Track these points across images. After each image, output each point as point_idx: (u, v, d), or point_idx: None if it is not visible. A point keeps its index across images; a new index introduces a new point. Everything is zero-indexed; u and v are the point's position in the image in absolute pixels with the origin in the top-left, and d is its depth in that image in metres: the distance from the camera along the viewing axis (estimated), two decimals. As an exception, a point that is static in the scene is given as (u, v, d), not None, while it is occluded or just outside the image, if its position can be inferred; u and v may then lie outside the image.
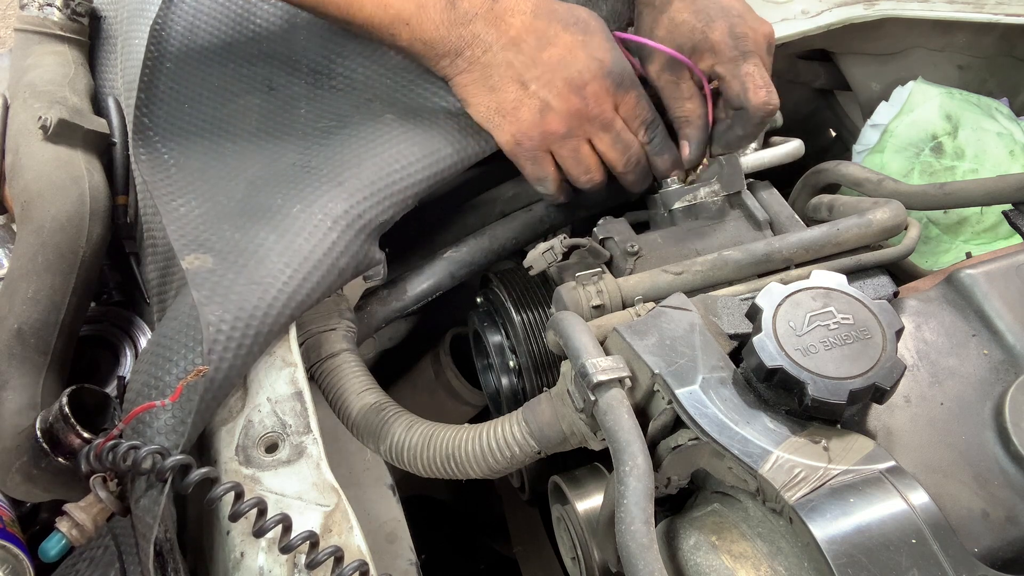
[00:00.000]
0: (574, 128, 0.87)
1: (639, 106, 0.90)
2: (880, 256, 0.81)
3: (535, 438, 0.72)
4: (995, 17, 1.15)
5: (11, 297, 0.82)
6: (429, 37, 0.85)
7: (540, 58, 0.85)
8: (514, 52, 0.85)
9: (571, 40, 0.86)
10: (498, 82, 0.87)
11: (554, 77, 0.85)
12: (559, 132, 0.87)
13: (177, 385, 0.67)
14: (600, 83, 0.87)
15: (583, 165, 0.90)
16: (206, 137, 0.88)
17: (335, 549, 0.62)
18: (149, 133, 0.86)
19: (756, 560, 0.58)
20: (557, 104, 0.86)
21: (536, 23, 0.86)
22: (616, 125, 0.89)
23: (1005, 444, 0.64)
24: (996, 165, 1.14)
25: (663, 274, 0.79)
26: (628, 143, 0.90)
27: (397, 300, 0.95)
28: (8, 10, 2.83)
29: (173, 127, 0.87)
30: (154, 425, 0.68)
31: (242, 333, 0.71)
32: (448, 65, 0.88)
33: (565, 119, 0.86)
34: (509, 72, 0.86)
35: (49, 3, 1.01)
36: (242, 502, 0.63)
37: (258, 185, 0.84)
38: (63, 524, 0.65)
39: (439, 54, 0.87)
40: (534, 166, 0.90)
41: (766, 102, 0.86)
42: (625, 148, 0.90)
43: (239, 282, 0.74)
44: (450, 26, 0.85)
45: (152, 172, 0.83)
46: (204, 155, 0.86)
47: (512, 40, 0.85)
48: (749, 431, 0.60)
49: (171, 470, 0.64)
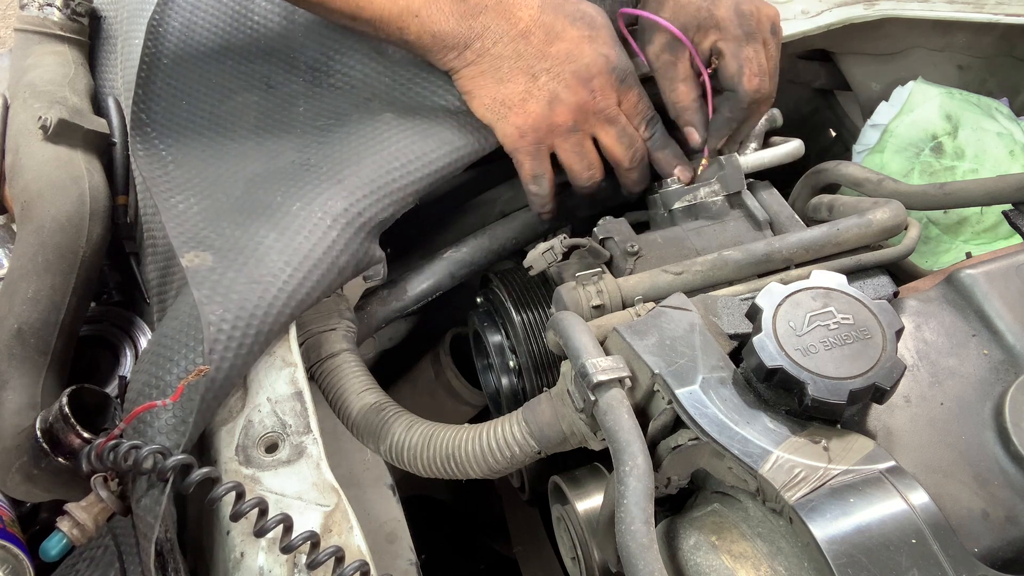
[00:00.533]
0: (580, 121, 0.88)
1: (641, 102, 0.91)
2: (880, 256, 0.81)
3: (535, 438, 0.72)
4: (995, 17, 1.15)
5: (11, 297, 0.82)
6: (439, 29, 0.86)
7: (549, 51, 0.87)
8: (524, 44, 0.86)
9: (578, 35, 0.88)
10: (507, 73, 0.87)
11: (563, 70, 0.86)
12: (566, 124, 0.88)
13: (178, 385, 0.67)
14: (606, 77, 0.88)
15: (586, 160, 0.91)
16: (204, 134, 0.88)
17: (336, 549, 0.62)
18: (147, 130, 0.86)
19: (756, 560, 0.58)
20: (566, 96, 0.87)
21: (544, 16, 0.87)
22: (621, 120, 0.90)
23: (1005, 444, 0.64)
24: (996, 165, 1.14)
25: (663, 274, 0.79)
26: (633, 137, 0.91)
27: (397, 300, 0.95)
28: (8, 10, 2.83)
29: (171, 124, 0.88)
30: (155, 425, 0.68)
31: (243, 332, 0.71)
32: (455, 58, 0.88)
33: (573, 111, 0.87)
34: (519, 64, 0.87)
35: (49, 3, 1.01)
36: (243, 502, 0.63)
37: (257, 183, 0.84)
38: (64, 524, 0.65)
39: (447, 46, 0.87)
40: (534, 161, 0.90)
41: (757, 89, 0.88)
42: (631, 142, 0.91)
43: (239, 280, 0.73)
44: (460, 18, 0.86)
45: (150, 169, 0.83)
46: (202, 152, 0.86)
47: (521, 32, 0.86)
48: (749, 431, 0.60)
49: (172, 470, 0.64)
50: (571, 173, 0.92)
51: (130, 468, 0.65)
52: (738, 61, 0.88)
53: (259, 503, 0.63)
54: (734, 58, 0.88)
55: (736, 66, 0.88)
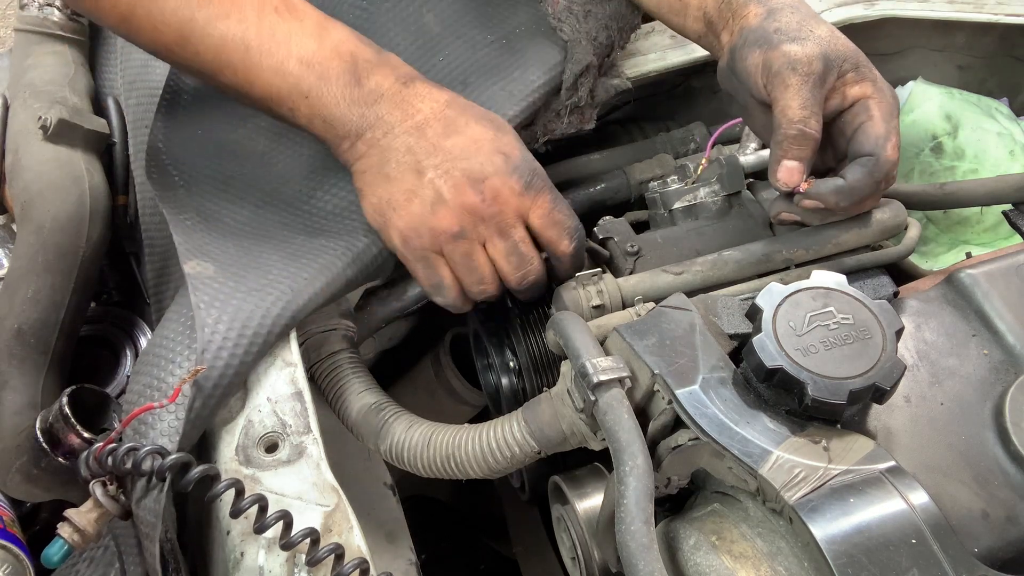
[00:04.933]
0: (467, 228, 0.76)
1: (556, 209, 0.79)
2: (880, 256, 0.81)
3: (535, 438, 0.72)
4: (995, 17, 1.15)
5: (11, 297, 0.82)
6: (329, 114, 0.76)
7: (443, 145, 0.76)
8: (416, 137, 0.76)
9: (480, 132, 0.77)
10: (394, 169, 0.77)
11: (453, 167, 0.76)
12: (450, 231, 0.76)
13: (176, 386, 0.67)
14: (502, 179, 0.76)
15: (476, 274, 0.79)
16: (215, 161, 0.87)
17: (335, 546, 0.62)
18: (162, 158, 0.86)
19: (756, 560, 0.58)
20: (451, 196, 0.75)
21: (447, 111, 0.78)
22: (515, 234, 0.78)
23: (1005, 444, 0.64)
24: (996, 165, 1.14)
25: (663, 274, 0.79)
26: (526, 257, 0.79)
27: (397, 300, 0.95)
28: (8, 10, 2.83)
29: (184, 152, 0.87)
30: (157, 427, 0.68)
31: (238, 334, 0.71)
32: (348, 149, 0.79)
33: (457, 216, 0.76)
34: (407, 158, 0.76)
35: (49, 3, 1.00)
36: (242, 499, 0.63)
37: (262, 214, 0.84)
38: (64, 530, 0.65)
39: (340, 135, 0.78)
40: (426, 270, 0.79)
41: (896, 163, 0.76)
42: (520, 262, 0.79)
43: (240, 289, 0.74)
44: (352, 103, 0.76)
45: (163, 189, 0.84)
46: (212, 179, 0.86)
47: (417, 125, 0.77)
48: (749, 431, 0.60)
49: (170, 469, 0.64)
50: (461, 284, 0.80)
51: (129, 471, 0.65)
52: (888, 127, 0.76)
53: (258, 500, 0.63)
54: (885, 122, 0.76)
55: (885, 131, 0.75)
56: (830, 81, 0.76)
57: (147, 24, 0.76)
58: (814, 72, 0.75)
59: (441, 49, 0.92)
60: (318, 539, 0.63)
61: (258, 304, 0.73)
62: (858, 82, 0.77)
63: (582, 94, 0.94)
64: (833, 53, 0.76)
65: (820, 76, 0.75)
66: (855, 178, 0.75)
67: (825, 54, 0.76)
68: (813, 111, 0.75)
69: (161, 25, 0.75)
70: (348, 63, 0.77)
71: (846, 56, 0.77)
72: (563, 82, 0.92)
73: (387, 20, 0.92)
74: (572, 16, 0.94)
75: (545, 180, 0.79)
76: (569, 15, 0.94)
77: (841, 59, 0.76)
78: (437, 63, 0.91)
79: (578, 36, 0.93)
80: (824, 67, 0.75)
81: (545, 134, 0.97)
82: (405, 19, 0.92)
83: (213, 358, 0.69)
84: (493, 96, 0.90)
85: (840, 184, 0.76)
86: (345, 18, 0.85)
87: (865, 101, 0.77)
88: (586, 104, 0.96)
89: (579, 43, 0.93)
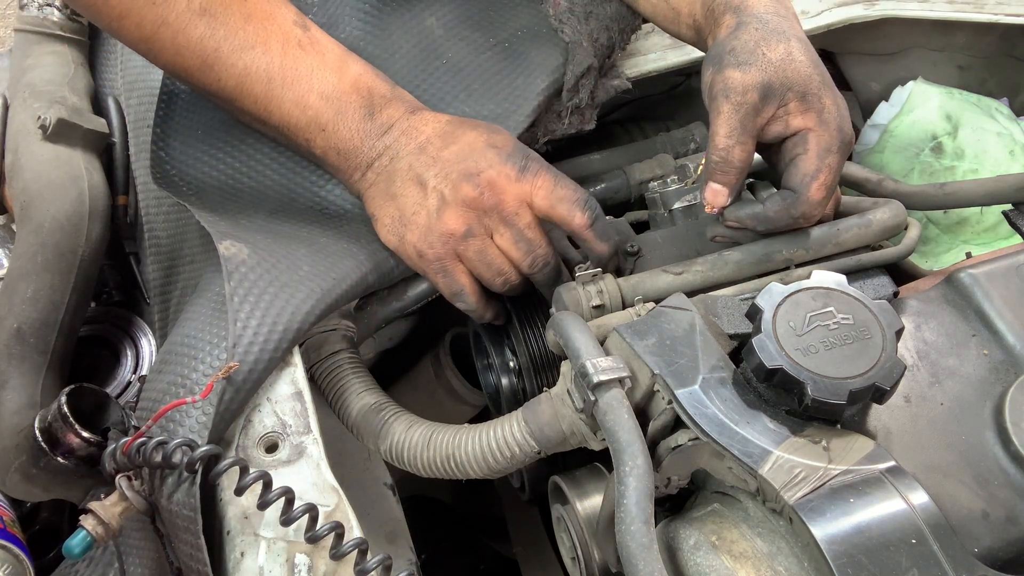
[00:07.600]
0: (474, 225, 0.77)
1: (559, 187, 0.78)
2: (880, 256, 0.81)
3: (535, 438, 0.72)
4: (995, 17, 1.15)
5: (11, 297, 0.82)
6: (344, 147, 0.79)
7: (441, 156, 0.78)
8: (417, 155, 0.79)
9: (474, 136, 0.79)
10: (399, 187, 0.79)
11: (451, 170, 0.77)
12: (459, 231, 0.77)
13: (207, 382, 0.68)
14: (497, 170, 0.77)
15: (493, 268, 0.79)
16: (221, 167, 0.87)
17: (360, 541, 0.62)
18: (167, 167, 0.86)
19: (756, 560, 0.58)
20: (451, 197, 0.77)
21: (446, 127, 0.80)
22: (519, 221, 0.78)
23: (1005, 444, 0.64)
24: (996, 165, 1.14)
25: (663, 274, 0.79)
26: (533, 242, 0.79)
27: (397, 300, 0.95)
28: (8, 10, 2.83)
29: (189, 160, 0.87)
30: (186, 424, 0.69)
31: (269, 329, 0.72)
32: (360, 179, 0.81)
33: (462, 215, 0.77)
34: (410, 175, 0.78)
35: (49, 3, 1.01)
36: (270, 491, 0.64)
37: (279, 219, 0.84)
38: (88, 522, 0.65)
39: (352, 166, 0.80)
40: (445, 279, 0.80)
41: (819, 203, 0.76)
42: (529, 248, 0.79)
43: (273, 282, 0.74)
44: (365, 136, 0.79)
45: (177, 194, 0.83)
46: (221, 189, 0.86)
47: (420, 145, 0.79)
48: (749, 431, 0.60)
49: (201, 460, 0.64)
50: (484, 282, 0.81)
51: (159, 464, 0.65)
52: (820, 163, 0.75)
53: (286, 492, 0.64)
54: (818, 157, 0.75)
55: (815, 168, 0.75)
56: (768, 110, 0.75)
57: (170, 47, 0.76)
58: (747, 102, 0.74)
59: (444, 52, 0.92)
60: (343, 533, 0.63)
61: (289, 300, 0.74)
62: (802, 112, 0.76)
63: (583, 95, 0.94)
64: (778, 81, 0.75)
65: (753, 106, 0.74)
66: (773, 209, 0.77)
67: (766, 83, 0.74)
68: (739, 140, 0.75)
69: (185, 51, 0.76)
70: (365, 98, 0.80)
71: (792, 84, 0.75)
72: (564, 84, 0.92)
73: (391, 23, 0.92)
74: (574, 17, 0.94)
75: (541, 162, 0.79)
76: (571, 16, 0.94)
77: (786, 87, 0.75)
78: (440, 66, 0.92)
79: (579, 37, 0.93)
80: (761, 97, 0.74)
81: (546, 135, 0.97)
82: (408, 22, 0.93)
83: (244, 352, 0.70)
84: (499, 106, 0.90)
85: (757, 211, 0.77)
86: (350, 22, 0.85)
87: (805, 133, 0.76)
88: (587, 105, 0.96)
89: (580, 45, 0.93)
